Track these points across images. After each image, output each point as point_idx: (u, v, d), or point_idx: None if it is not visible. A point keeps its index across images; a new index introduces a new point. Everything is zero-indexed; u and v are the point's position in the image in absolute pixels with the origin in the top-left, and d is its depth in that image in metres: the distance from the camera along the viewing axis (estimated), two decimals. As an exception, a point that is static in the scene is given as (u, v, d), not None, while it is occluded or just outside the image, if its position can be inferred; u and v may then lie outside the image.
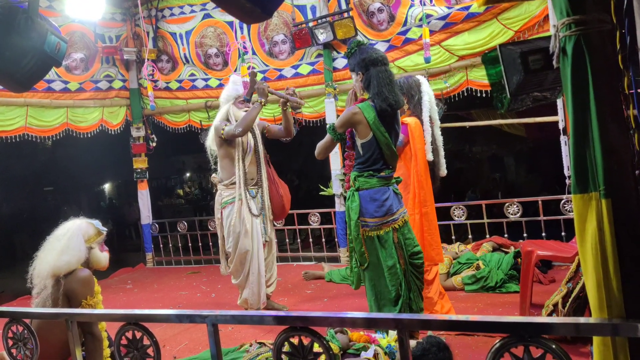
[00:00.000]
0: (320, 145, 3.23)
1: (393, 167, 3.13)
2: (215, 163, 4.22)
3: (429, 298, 3.48)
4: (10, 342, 2.06)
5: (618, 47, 1.39)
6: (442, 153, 3.71)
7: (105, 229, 2.77)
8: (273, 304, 4.24)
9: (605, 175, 1.34)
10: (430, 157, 3.57)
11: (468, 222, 5.40)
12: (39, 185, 12.38)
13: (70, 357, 2.20)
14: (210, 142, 4.19)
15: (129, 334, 1.77)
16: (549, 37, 1.55)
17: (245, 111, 3.99)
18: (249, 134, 4.08)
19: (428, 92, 3.61)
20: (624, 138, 1.37)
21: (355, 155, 3.10)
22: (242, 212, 3.98)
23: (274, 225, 4.37)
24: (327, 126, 3.15)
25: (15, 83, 2.43)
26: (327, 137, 3.15)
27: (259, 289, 4.02)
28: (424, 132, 3.56)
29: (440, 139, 3.68)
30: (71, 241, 2.57)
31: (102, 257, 2.69)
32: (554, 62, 1.46)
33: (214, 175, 4.27)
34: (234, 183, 4.00)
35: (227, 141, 3.99)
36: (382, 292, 3.05)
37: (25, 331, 2.00)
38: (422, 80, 3.67)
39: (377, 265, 3.04)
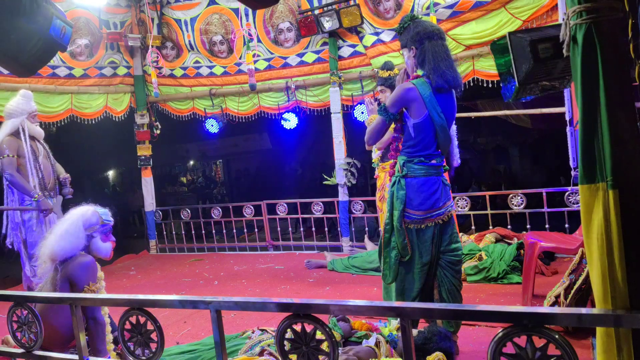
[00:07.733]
0: (370, 129, 2.89)
1: (444, 154, 2.85)
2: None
3: None
4: (15, 326, 2.07)
5: (630, 36, 1.37)
6: (455, 142, 3.66)
7: (111, 220, 2.71)
8: None
9: (613, 166, 1.33)
10: None
11: (472, 212, 5.39)
12: (43, 171, 12.42)
13: (73, 341, 2.22)
14: None
15: (133, 319, 1.78)
16: (559, 26, 1.53)
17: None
18: (38, 143, 4.15)
19: None
20: (633, 129, 1.35)
21: (405, 138, 2.80)
22: (42, 219, 4.03)
23: None
24: (378, 108, 2.84)
25: (20, 67, 2.43)
26: (378, 119, 2.80)
27: None
28: None
29: (453, 128, 3.64)
30: (70, 227, 2.57)
31: (103, 247, 2.64)
32: (564, 51, 1.44)
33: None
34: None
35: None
36: (407, 289, 2.85)
37: (30, 315, 2.02)
38: None
39: (412, 259, 2.82)
